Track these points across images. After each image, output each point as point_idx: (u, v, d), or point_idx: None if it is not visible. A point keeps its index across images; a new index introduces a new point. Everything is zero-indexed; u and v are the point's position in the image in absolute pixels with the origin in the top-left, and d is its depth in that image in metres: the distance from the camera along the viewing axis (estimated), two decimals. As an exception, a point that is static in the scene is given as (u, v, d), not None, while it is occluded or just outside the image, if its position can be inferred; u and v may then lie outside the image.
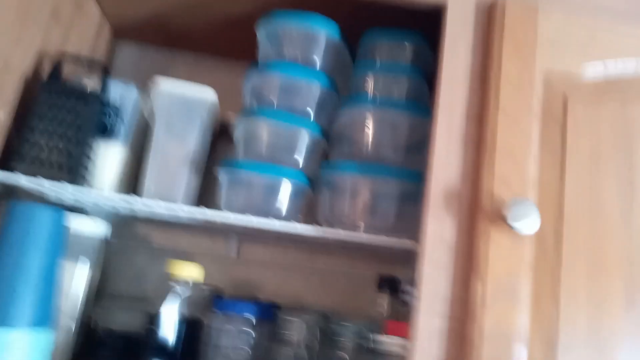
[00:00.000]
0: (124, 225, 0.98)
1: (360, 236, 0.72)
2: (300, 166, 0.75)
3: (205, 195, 0.86)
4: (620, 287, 0.61)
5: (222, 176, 0.76)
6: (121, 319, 0.85)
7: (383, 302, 0.81)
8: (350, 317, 0.84)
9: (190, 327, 0.76)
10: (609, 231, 0.62)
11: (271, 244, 0.99)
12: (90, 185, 0.76)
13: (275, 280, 0.99)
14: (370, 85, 0.77)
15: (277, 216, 0.73)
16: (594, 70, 0.65)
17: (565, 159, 0.63)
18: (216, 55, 1.04)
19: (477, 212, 0.61)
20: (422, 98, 0.75)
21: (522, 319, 0.58)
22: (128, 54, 1.05)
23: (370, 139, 0.75)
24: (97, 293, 0.90)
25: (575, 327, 0.59)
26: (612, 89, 0.65)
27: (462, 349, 0.59)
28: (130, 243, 0.98)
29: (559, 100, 0.64)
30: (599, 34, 0.66)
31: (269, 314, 0.78)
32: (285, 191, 0.74)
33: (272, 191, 0.74)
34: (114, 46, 1.04)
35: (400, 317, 0.74)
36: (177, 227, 0.98)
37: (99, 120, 0.76)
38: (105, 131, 0.78)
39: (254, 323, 0.76)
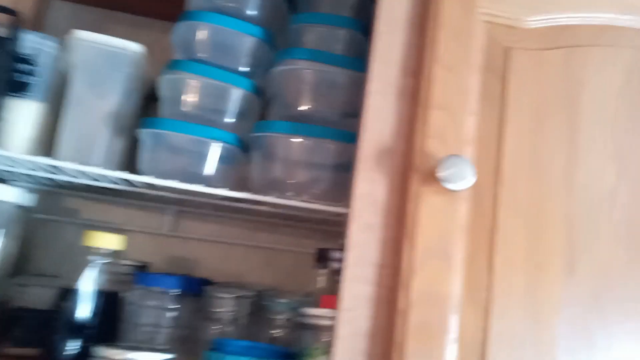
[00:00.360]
0: (51, 198, 0.93)
1: (292, 202, 0.69)
2: (232, 127, 0.72)
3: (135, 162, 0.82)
4: (560, 251, 0.59)
5: (145, 137, 0.72)
6: (43, 297, 0.81)
7: (321, 276, 0.78)
8: (291, 295, 0.81)
9: (108, 303, 0.72)
10: (549, 192, 0.60)
11: (210, 219, 0.95)
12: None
13: (214, 258, 0.95)
14: (307, 38, 0.74)
15: (204, 181, 0.69)
16: (538, 19, 0.62)
17: (505, 114, 0.61)
18: (154, 17, 0.99)
19: (409, 170, 0.58)
20: (362, 54, 0.72)
21: (454, 284, 0.55)
22: (61, 12, 1.00)
23: (305, 96, 0.71)
24: (18, 270, 0.86)
25: (511, 292, 0.57)
26: (557, 40, 0.63)
27: (390, 317, 0.56)
28: (57, 217, 0.94)
29: (501, 50, 0.62)
30: (545, -17, 0.64)
31: (195, 289, 0.74)
32: (214, 154, 0.70)
33: (199, 154, 0.70)
34: (47, 4, 0.99)
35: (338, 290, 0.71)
36: (109, 200, 0.94)
37: (9, 74, 0.72)
38: (18, 86, 0.73)
39: (178, 298, 0.72)
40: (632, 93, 0.65)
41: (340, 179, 0.71)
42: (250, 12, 0.73)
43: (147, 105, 0.86)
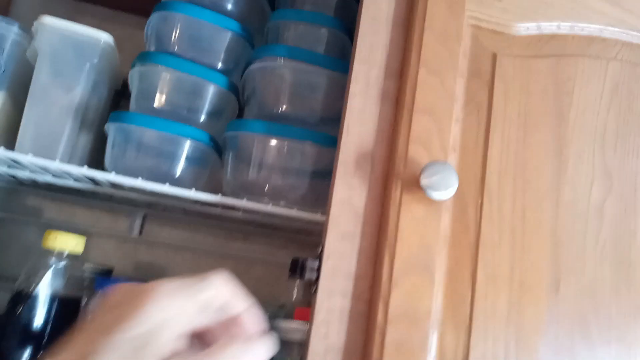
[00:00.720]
0: (11, 196, 0.88)
1: (266, 208, 0.65)
2: (205, 125, 0.68)
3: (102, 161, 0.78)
4: (545, 269, 0.56)
5: (111, 131, 0.68)
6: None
7: (295, 287, 0.75)
8: (265, 306, 0.77)
9: (67, 309, 0.68)
10: (535, 205, 0.57)
11: (181, 225, 0.91)
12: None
13: (183, 265, 0.91)
14: (287, 35, 0.70)
15: (173, 181, 0.65)
16: (526, 26, 0.60)
17: (491, 122, 0.58)
18: (128, 11, 0.95)
19: (391, 176, 0.55)
20: (345, 54, 0.69)
21: (435, 300, 0.52)
22: (30, 3, 0.96)
23: (284, 96, 0.68)
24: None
25: (494, 310, 0.54)
26: (545, 48, 0.61)
27: (367, 333, 0.52)
28: (17, 217, 0.88)
29: (488, 56, 0.60)
30: (536, -11, 0.62)
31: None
32: (185, 153, 0.66)
33: (169, 152, 0.66)
34: (14, -7, 0.95)
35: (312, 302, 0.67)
36: (74, 201, 0.89)
37: (-34, 60, 0.67)
38: (-24, 74, 0.68)
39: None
40: (619, 107, 0.63)
41: (318, 185, 0.68)
42: (229, 5, 0.70)
43: (118, 101, 0.82)
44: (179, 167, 0.66)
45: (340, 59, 0.68)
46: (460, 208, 0.55)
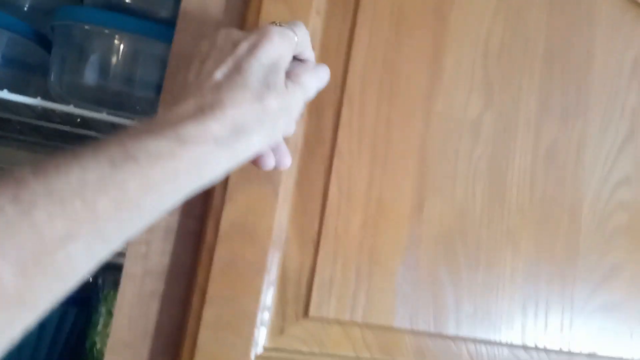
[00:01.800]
0: None
1: (101, 116, 0.56)
2: (27, 14, 0.57)
3: None
4: (409, 187, 0.52)
5: None
6: None
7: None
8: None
9: None
10: (403, 115, 0.52)
11: (30, 147, 0.81)
12: None
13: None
14: None
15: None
16: None
17: (357, 18, 0.52)
18: None
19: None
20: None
21: (279, 216, 0.46)
22: None
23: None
24: None
25: (346, 230, 0.49)
26: None
27: (194, 252, 0.46)
28: None
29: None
30: None
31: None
32: None
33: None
34: None
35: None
36: None
37: None
38: None
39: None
40: (507, 14, 0.59)
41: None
42: None
43: None
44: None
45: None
46: (315, 114, 0.49)
